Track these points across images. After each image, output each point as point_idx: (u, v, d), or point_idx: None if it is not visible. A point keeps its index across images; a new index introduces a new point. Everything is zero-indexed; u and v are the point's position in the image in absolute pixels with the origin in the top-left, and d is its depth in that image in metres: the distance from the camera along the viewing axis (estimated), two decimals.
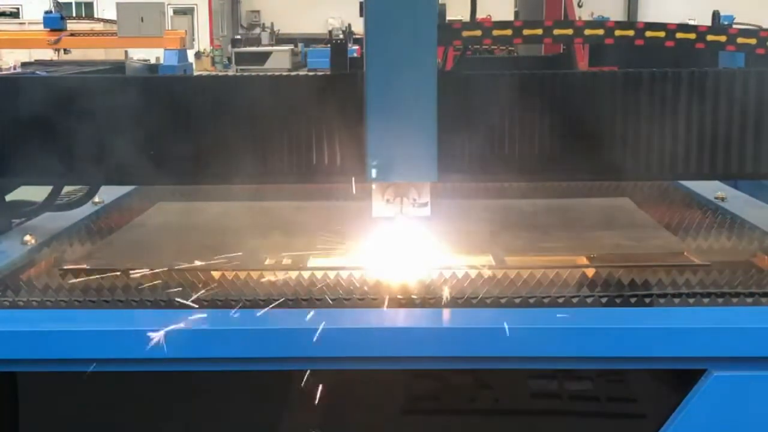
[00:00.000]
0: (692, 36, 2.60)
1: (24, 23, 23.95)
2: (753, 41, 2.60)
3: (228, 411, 2.08)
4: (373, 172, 2.30)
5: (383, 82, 2.24)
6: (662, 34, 2.58)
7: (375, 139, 2.27)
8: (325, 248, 2.53)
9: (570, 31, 2.60)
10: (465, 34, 2.62)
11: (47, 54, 17.88)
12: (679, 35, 2.59)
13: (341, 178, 2.57)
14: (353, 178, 2.49)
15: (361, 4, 2.38)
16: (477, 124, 2.50)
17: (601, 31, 2.58)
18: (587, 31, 2.58)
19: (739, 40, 2.61)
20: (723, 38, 2.61)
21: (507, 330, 1.93)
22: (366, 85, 2.26)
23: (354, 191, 2.55)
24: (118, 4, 16.88)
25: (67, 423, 2.12)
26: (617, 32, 2.58)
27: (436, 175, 2.30)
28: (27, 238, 2.60)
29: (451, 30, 2.62)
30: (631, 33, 2.58)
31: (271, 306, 2.11)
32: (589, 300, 2.12)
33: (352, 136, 2.45)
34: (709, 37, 2.60)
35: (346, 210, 2.94)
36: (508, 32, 2.60)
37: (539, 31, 2.61)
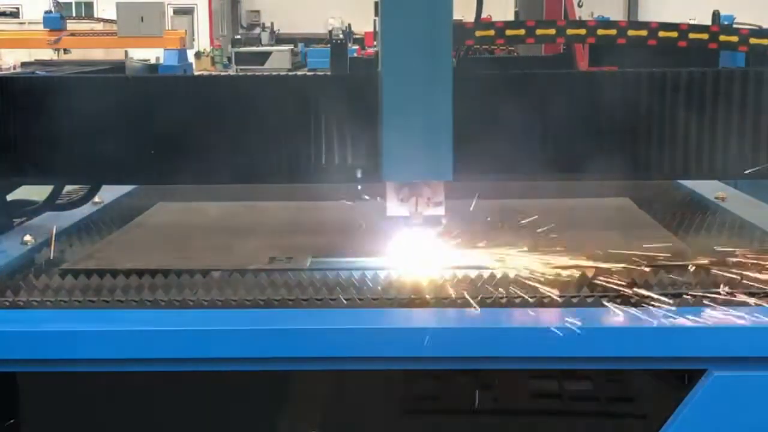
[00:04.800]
0: (705, 36, 2.60)
1: (24, 23, 23.94)
2: (735, 39, 2.60)
3: (228, 411, 2.08)
4: (388, 171, 2.30)
5: (399, 81, 2.23)
6: (675, 34, 2.58)
7: (390, 138, 2.27)
8: (326, 248, 2.53)
9: (583, 31, 2.60)
10: (478, 33, 2.61)
11: (47, 54, 17.87)
12: (691, 35, 2.59)
13: (350, 178, 2.57)
14: (364, 178, 2.50)
15: (376, 3, 2.38)
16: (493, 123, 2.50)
17: (614, 31, 2.58)
18: (600, 31, 2.58)
19: (752, 40, 2.61)
20: (735, 39, 2.61)
21: (507, 330, 1.94)
22: (381, 84, 2.25)
23: (362, 191, 2.56)
24: (118, 4, 16.88)
25: (67, 423, 2.12)
26: (630, 32, 2.58)
27: (451, 174, 2.30)
28: (27, 238, 2.60)
29: (463, 30, 2.61)
30: (644, 33, 2.57)
31: (271, 306, 2.11)
32: (589, 300, 2.12)
33: (365, 136, 2.46)
34: (722, 38, 2.60)
35: (348, 210, 2.94)
36: (521, 32, 2.59)
37: (552, 31, 2.60)
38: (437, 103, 2.24)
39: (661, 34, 2.58)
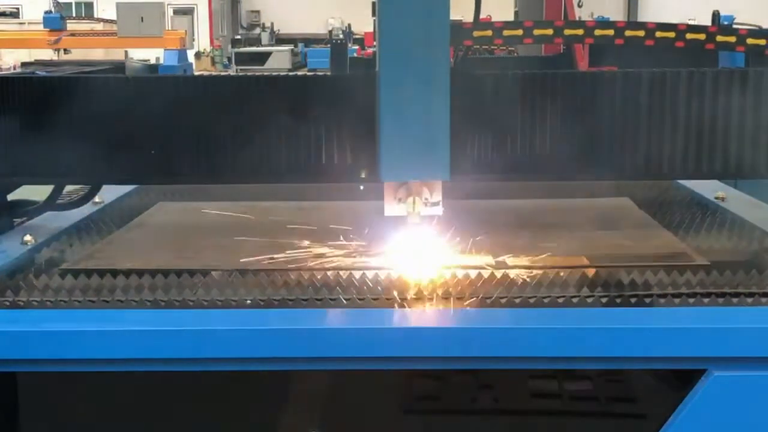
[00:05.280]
0: (702, 37, 2.60)
1: (24, 23, 23.97)
2: (763, 41, 2.60)
3: (228, 411, 2.08)
4: (386, 172, 2.30)
5: (396, 81, 2.23)
6: (672, 34, 2.58)
7: (387, 138, 2.27)
8: (326, 248, 2.53)
9: (581, 32, 2.60)
10: (476, 34, 2.61)
11: (47, 54, 17.88)
12: (689, 36, 2.59)
13: (350, 178, 2.57)
14: (364, 177, 2.50)
15: (373, 3, 2.37)
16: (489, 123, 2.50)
17: (611, 32, 2.58)
18: (597, 32, 2.58)
19: (749, 40, 2.61)
20: (732, 39, 2.61)
21: (507, 330, 1.94)
22: (379, 84, 2.26)
23: (362, 190, 2.56)
24: (118, 4, 16.89)
25: (67, 423, 2.12)
26: (627, 33, 2.58)
27: (449, 174, 2.30)
28: (27, 237, 2.60)
29: (461, 30, 2.61)
30: (641, 33, 2.57)
31: (271, 306, 2.11)
32: (589, 300, 2.12)
33: (362, 136, 2.46)
34: (719, 38, 2.60)
35: (348, 210, 2.94)
36: (519, 32, 2.60)
37: (550, 31, 2.61)
38: (435, 103, 2.24)
39: (659, 34, 2.58)
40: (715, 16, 6.76)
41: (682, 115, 2.51)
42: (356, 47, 21.33)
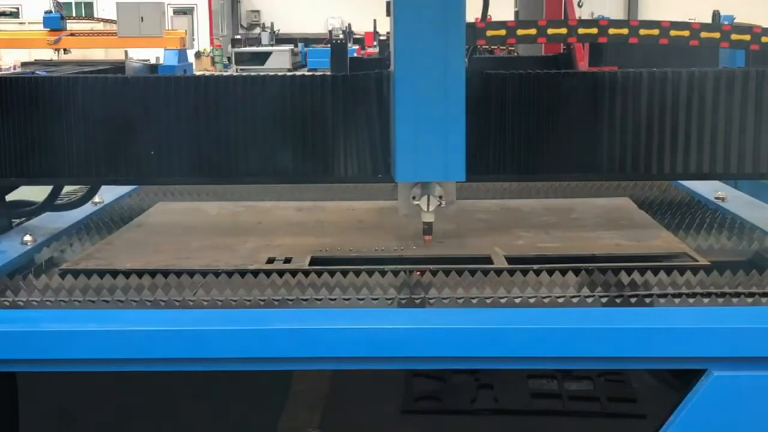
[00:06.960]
0: (686, 33, 2.60)
1: (24, 23, 23.99)
2: (747, 37, 2.60)
3: (228, 411, 2.08)
4: (400, 172, 2.29)
5: (411, 81, 2.23)
6: (687, 33, 2.57)
7: (402, 139, 2.27)
8: (326, 248, 2.53)
9: (595, 30, 2.60)
10: (489, 33, 2.61)
11: (47, 54, 17.89)
12: (672, 33, 2.59)
13: (358, 178, 2.57)
14: (374, 178, 2.50)
15: (388, 3, 2.37)
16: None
17: (625, 30, 2.57)
18: (612, 30, 2.58)
19: (733, 36, 2.61)
20: (717, 35, 2.61)
21: (507, 330, 1.94)
22: (394, 84, 2.25)
23: (362, 191, 2.56)
24: (118, 4, 16.92)
25: (67, 423, 2.12)
26: (642, 31, 2.57)
27: (464, 174, 2.30)
28: (27, 238, 2.60)
29: (475, 29, 2.61)
30: (656, 32, 2.57)
31: (271, 306, 2.11)
32: (589, 300, 2.12)
33: (369, 136, 2.46)
34: (703, 34, 2.60)
35: (347, 210, 2.94)
36: (533, 31, 2.59)
37: (564, 30, 2.61)
38: (450, 103, 2.24)
39: (673, 33, 2.58)
40: (716, 15, 6.77)
41: (682, 115, 2.51)
42: (356, 47, 21.36)
